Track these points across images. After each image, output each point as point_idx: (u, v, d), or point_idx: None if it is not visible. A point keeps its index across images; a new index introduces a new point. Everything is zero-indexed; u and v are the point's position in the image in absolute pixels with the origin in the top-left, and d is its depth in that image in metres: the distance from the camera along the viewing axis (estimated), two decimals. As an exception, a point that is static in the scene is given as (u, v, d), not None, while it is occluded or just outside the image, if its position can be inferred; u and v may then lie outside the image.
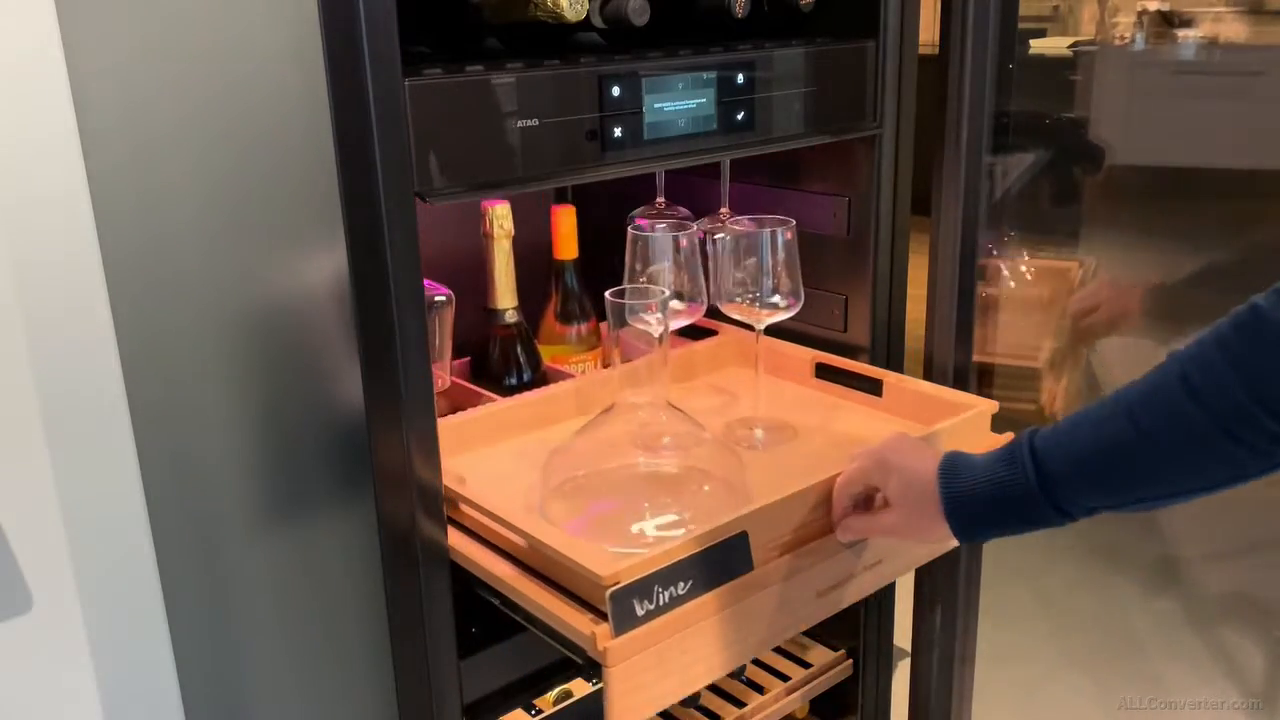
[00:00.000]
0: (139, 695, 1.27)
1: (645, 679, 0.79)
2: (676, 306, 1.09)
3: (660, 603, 0.79)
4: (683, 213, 1.34)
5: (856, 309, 1.24)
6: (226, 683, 1.23)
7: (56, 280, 1.12)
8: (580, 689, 1.05)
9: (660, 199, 1.34)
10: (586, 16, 0.91)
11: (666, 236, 1.08)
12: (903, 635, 1.36)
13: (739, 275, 1.08)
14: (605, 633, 0.77)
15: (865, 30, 1.12)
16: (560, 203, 1.46)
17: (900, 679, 1.39)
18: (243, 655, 1.18)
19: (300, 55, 0.77)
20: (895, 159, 1.17)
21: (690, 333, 1.32)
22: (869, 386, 1.19)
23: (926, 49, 1.17)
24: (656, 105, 0.95)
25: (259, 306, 0.94)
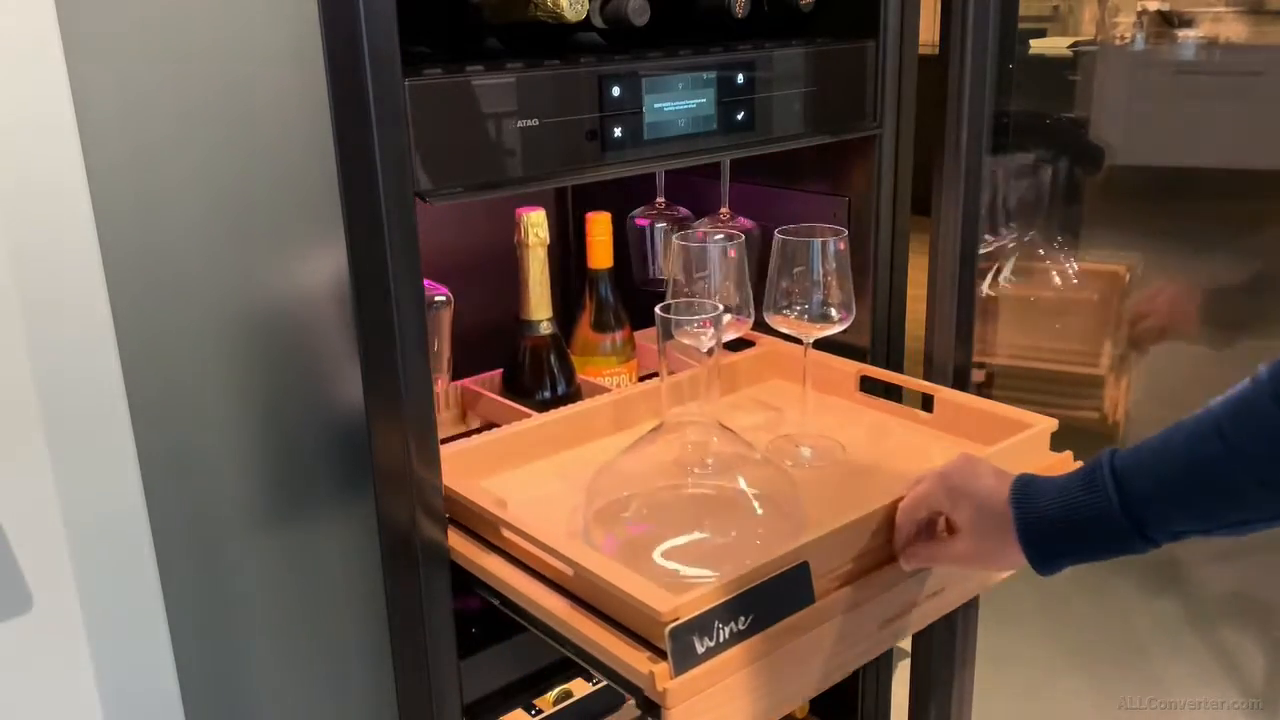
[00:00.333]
0: (139, 695, 1.27)
1: (705, 720, 0.75)
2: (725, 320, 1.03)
3: (720, 639, 0.74)
4: (683, 213, 1.34)
5: (857, 309, 1.24)
6: (226, 683, 1.23)
7: (57, 280, 1.12)
8: (580, 689, 1.05)
9: (660, 199, 1.34)
10: (586, 16, 0.91)
11: (715, 246, 1.03)
12: (903, 635, 1.36)
13: (785, 285, 1.03)
14: (664, 672, 0.73)
15: (865, 30, 1.12)
16: (561, 202, 1.47)
17: (900, 679, 1.39)
18: (243, 655, 1.18)
19: (300, 55, 0.77)
20: (895, 159, 1.17)
21: (728, 343, 1.29)
22: (918, 401, 1.13)
23: (926, 49, 1.16)
24: (656, 105, 0.95)
25: (259, 306, 0.94)
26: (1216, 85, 1.81)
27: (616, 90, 0.92)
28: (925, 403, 1.13)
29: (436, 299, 1.08)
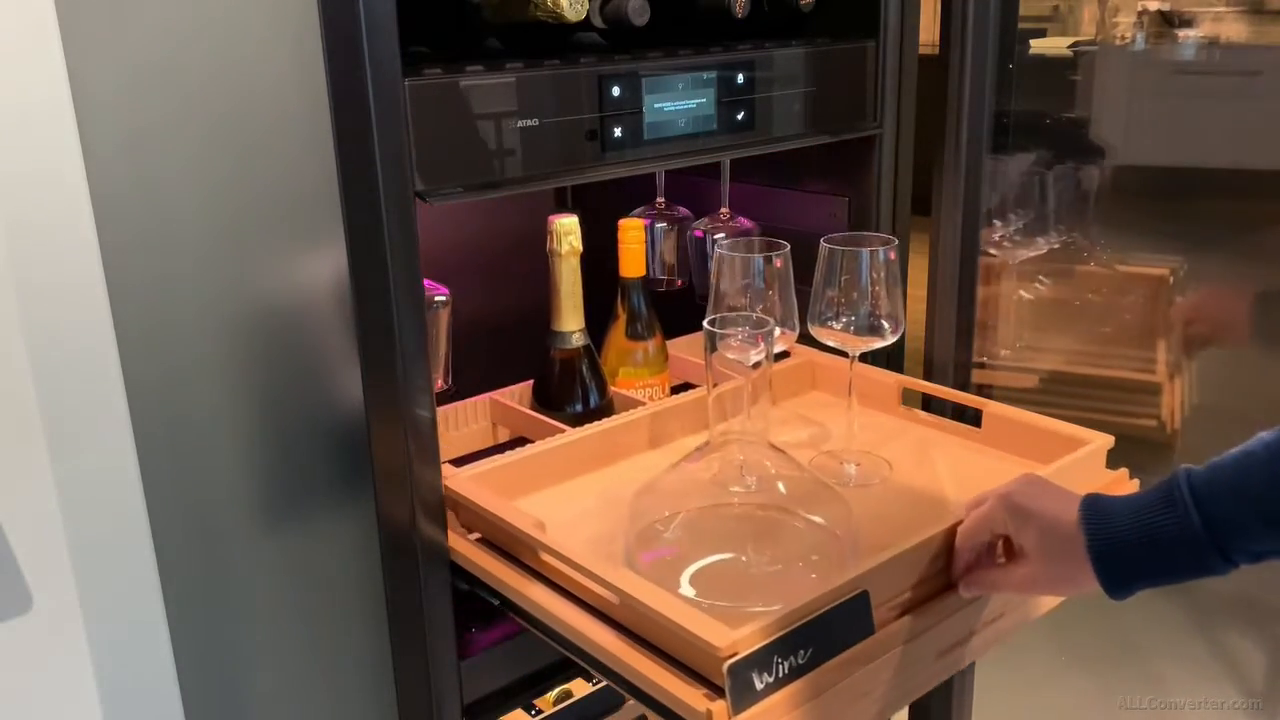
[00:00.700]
0: (139, 695, 1.27)
1: (764, 760, 0.71)
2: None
3: (780, 674, 0.71)
4: (683, 213, 1.34)
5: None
6: (226, 682, 1.23)
7: (56, 281, 1.12)
8: (580, 689, 1.05)
9: (660, 199, 1.34)
10: (586, 16, 0.91)
11: (760, 256, 0.98)
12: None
13: (831, 295, 0.98)
14: (722, 711, 0.69)
15: (865, 30, 1.12)
16: (561, 202, 1.46)
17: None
18: (243, 655, 1.18)
19: (300, 55, 0.77)
20: (895, 159, 1.17)
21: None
22: (966, 416, 1.09)
23: (926, 49, 1.17)
24: (656, 105, 0.95)
25: (259, 307, 0.94)
26: (1216, 85, 1.81)
27: (616, 90, 0.92)
28: (975, 418, 1.08)
29: (436, 299, 1.08)
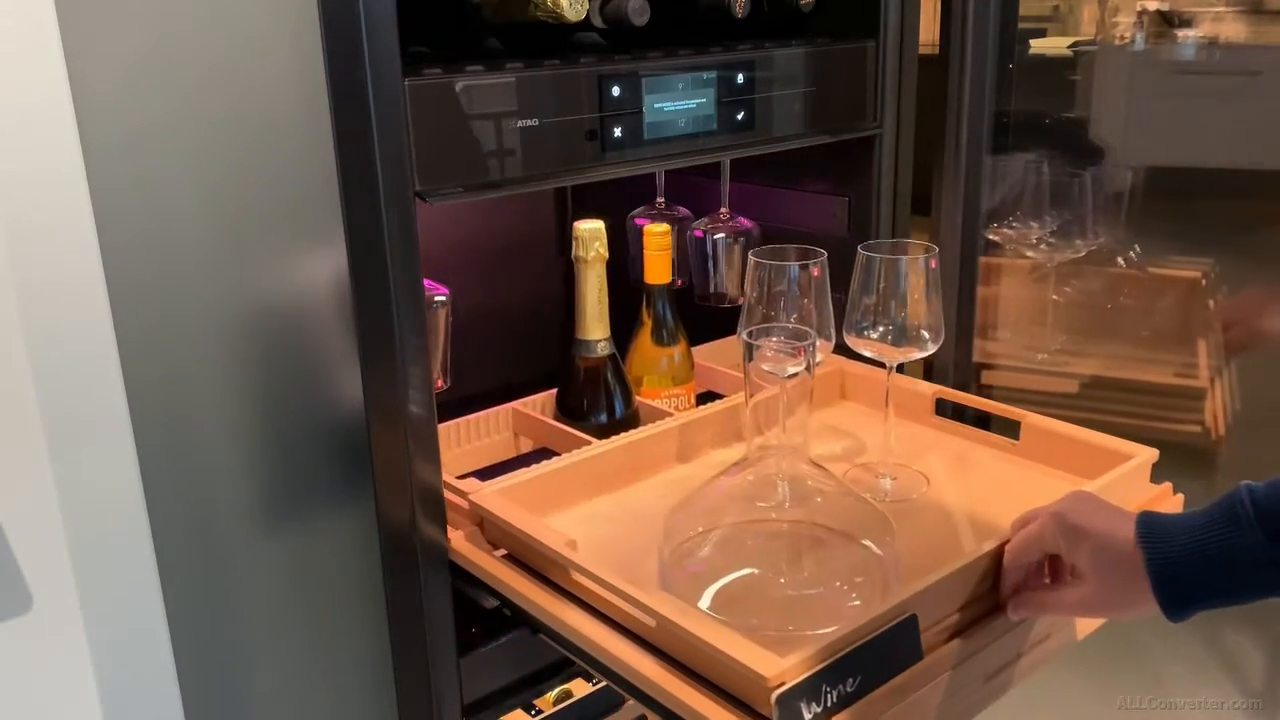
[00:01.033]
0: (139, 695, 1.27)
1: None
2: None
3: (829, 704, 0.68)
4: (683, 213, 1.34)
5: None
6: (226, 682, 1.23)
7: (56, 281, 1.12)
8: (580, 689, 1.05)
9: (660, 199, 1.34)
10: (586, 16, 0.91)
11: (795, 264, 0.96)
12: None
13: (868, 303, 0.95)
14: None
15: (865, 30, 1.12)
16: (561, 203, 1.46)
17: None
18: (243, 655, 1.18)
19: (300, 55, 0.77)
20: (895, 159, 1.17)
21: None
22: (1003, 428, 1.06)
23: (926, 49, 1.17)
24: (656, 105, 0.95)
25: (259, 307, 0.94)
26: (1216, 85, 1.81)
27: (616, 90, 0.92)
28: (1012, 429, 1.05)
29: (436, 299, 1.08)
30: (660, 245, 1.14)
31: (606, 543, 0.91)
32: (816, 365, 0.88)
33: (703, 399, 1.20)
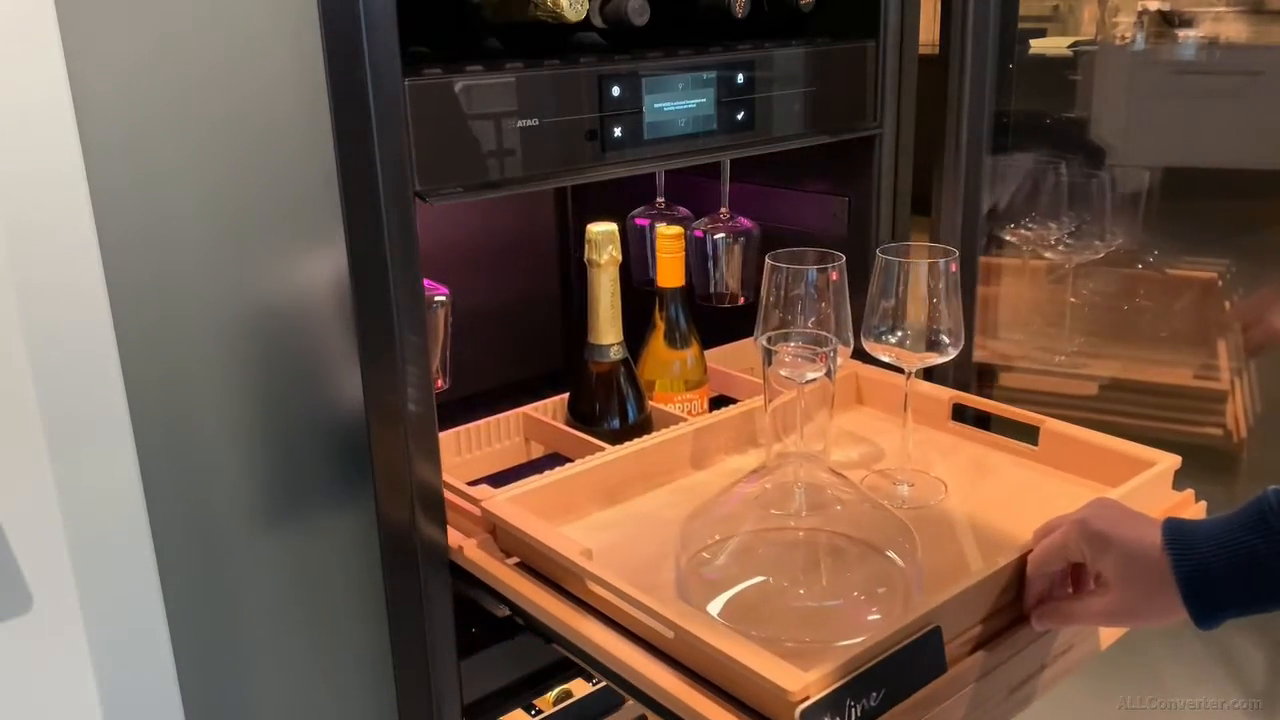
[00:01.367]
0: (139, 695, 1.27)
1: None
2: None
3: (852, 718, 0.67)
4: (683, 213, 1.34)
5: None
6: (226, 683, 1.23)
7: (56, 281, 1.12)
8: (580, 689, 1.05)
9: (660, 199, 1.34)
10: (586, 16, 0.91)
11: (813, 269, 0.94)
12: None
13: (886, 308, 0.93)
14: None
15: (865, 30, 1.12)
16: (561, 203, 1.47)
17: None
18: (243, 655, 1.18)
19: (300, 55, 0.77)
20: (895, 159, 1.17)
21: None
22: (1021, 433, 1.04)
23: (926, 49, 1.17)
24: (656, 105, 0.95)
25: (259, 307, 0.94)
26: (1216, 85, 1.81)
27: (616, 90, 0.92)
28: (1031, 435, 1.03)
29: (436, 299, 1.08)
30: (673, 248, 1.13)
31: (621, 550, 0.89)
32: (838, 370, 0.86)
33: (715, 403, 1.19)
